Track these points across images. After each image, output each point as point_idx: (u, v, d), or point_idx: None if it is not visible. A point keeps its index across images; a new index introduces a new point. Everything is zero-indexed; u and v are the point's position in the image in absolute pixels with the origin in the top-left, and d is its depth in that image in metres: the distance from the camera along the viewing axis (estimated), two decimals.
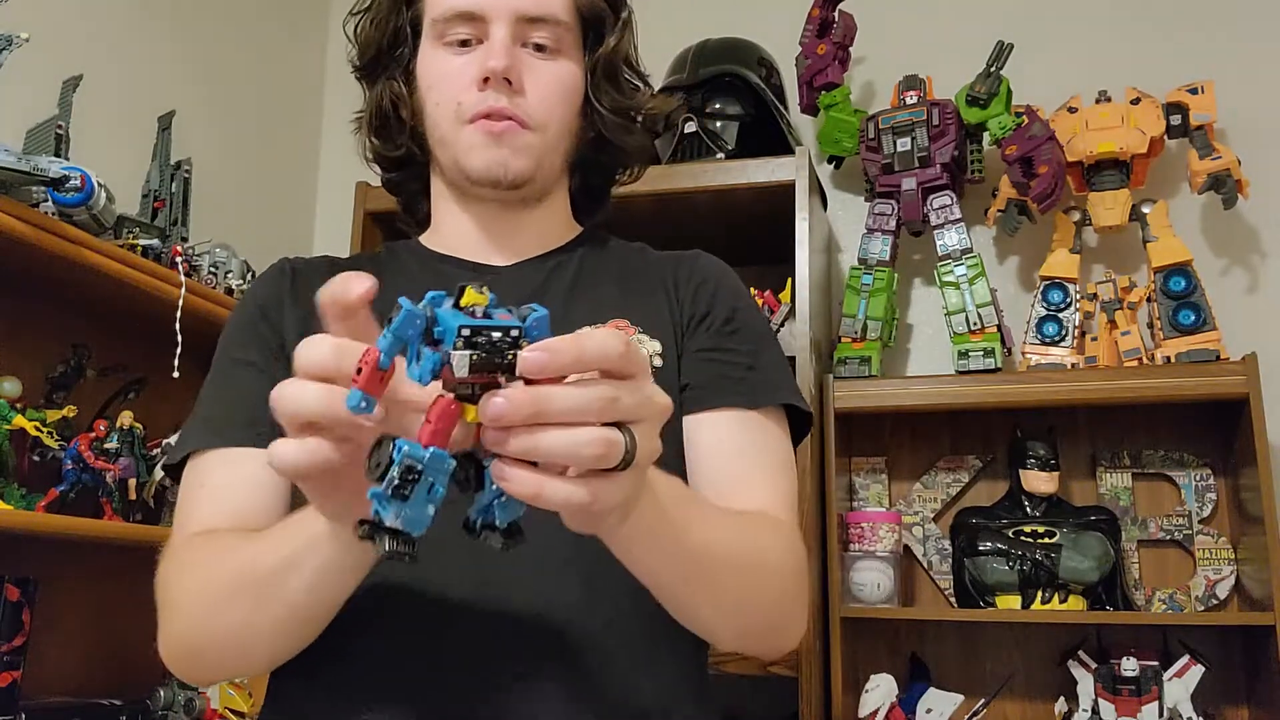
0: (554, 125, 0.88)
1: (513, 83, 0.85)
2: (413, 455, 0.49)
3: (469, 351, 0.48)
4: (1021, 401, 1.67)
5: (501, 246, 0.93)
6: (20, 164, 1.28)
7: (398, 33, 0.93)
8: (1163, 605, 1.69)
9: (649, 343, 0.87)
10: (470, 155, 0.87)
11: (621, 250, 0.99)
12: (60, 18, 1.70)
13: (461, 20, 0.87)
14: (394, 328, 0.49)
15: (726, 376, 0.88)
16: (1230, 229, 1.86)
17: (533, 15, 0.87)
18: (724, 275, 0.95)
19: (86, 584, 1.65)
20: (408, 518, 0.49)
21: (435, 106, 0.89)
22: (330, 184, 2.37)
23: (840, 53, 1.93)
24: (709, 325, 0.90)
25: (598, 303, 0.89)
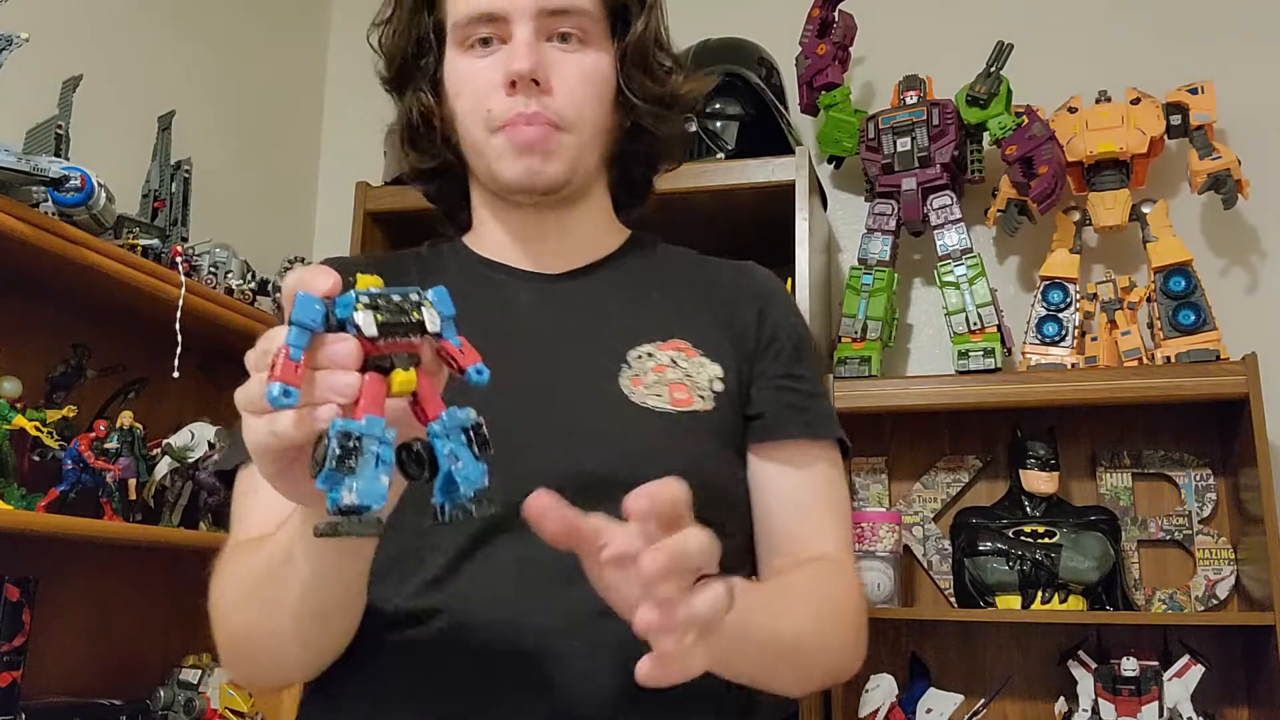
0: (586, 122, 0.85)
1: (540, 83, 0.83)
2: (346, 426, 0.48)
3: (372, 311, 0.49)
4: (1021, 401, 1.67)
5: (546, 252, 0.91)
6: (20, 164, 1.28)
7: (421, 42, 0.90)
8: (1163, 605, 1.69)
9: (710, 366, 0.85)
10: (502, 164, 0.85)
11: (673, 257, 0.97)
12: (60, 18, 1.70)
13: (482, 22, 0.85)
14: (294, 317, 0.49)
15: (793, 405, 0.87)
16: (1230, 229, 1.86)
17: (555, 7, 0.84)
18: (784, 295, 0.94)
19: (86, 584, 1.65)
20: (361, 490, 0.48)
21: (465, 115, 0.87)
22: (330, 184, 2.37)
23: (840, 53, 1.93)
24: (778, 352, 0.89)
25: (657, 320, 0.87)
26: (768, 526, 0.87)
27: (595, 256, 0.93)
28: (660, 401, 0.81)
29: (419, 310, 0.51)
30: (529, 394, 0.80)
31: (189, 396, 1.88)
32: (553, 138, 0.84)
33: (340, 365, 0.50)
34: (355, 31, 2.59)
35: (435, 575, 0.76)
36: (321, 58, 2.45)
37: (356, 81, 2.43)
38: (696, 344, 0.86)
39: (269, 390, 0.48)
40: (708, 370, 0.85)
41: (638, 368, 0.83)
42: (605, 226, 0.96)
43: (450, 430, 0.53)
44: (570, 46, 0.85)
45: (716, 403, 0.83)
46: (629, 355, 0.84)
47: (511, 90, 0.83)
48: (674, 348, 0.85)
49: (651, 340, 0.85)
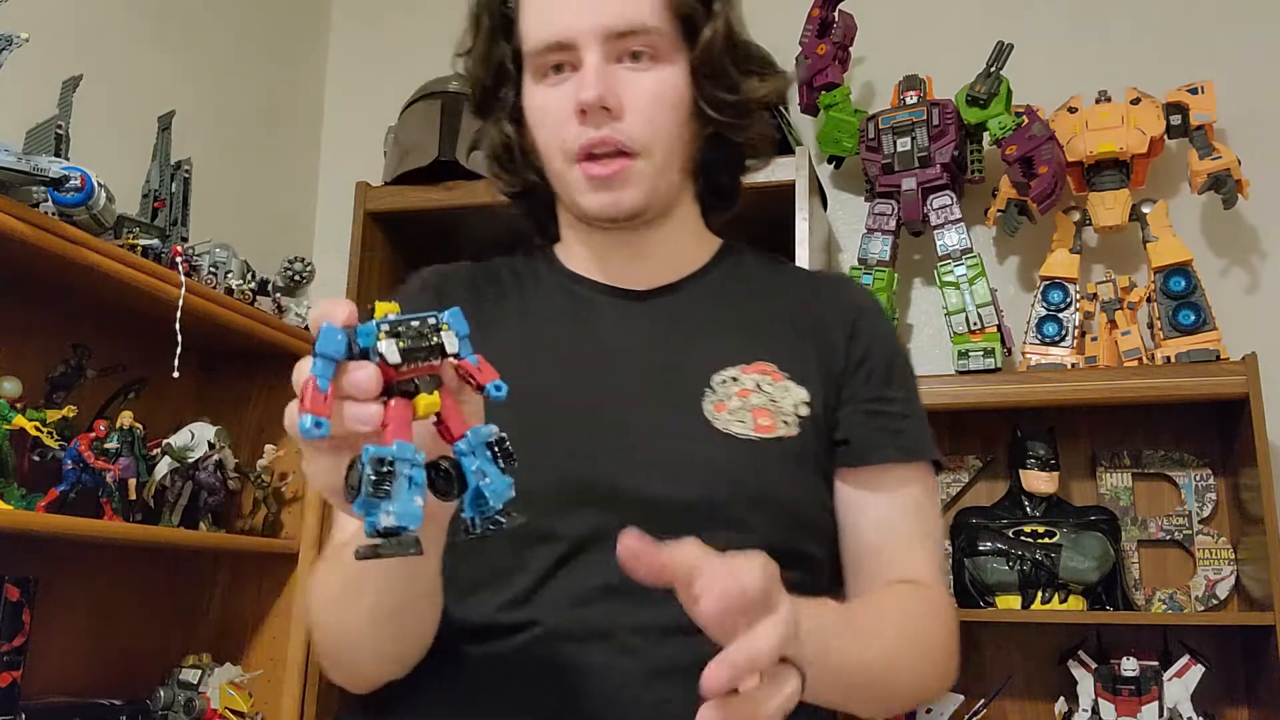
0: (661, 142, 0.85)
1: (611, 109, 0.82)
2: (379, 452, 0.50)
3: (394, 339, 0.51)
4: (1021, 401, 1.67)
5: (635, 270, 0.91)
6: (20, 164, 1.28)
7: (500, 71, 0.91)
8: (1163, 605, 1.69)
9: (795, 390, 0.85)
10: (582, 196, 0.86)
11: (761, 269, 0.97)
12: (60, 18, 1.70)
13: (552, 51, 0.84)
14: (317, 349, 0.51)
15: (884, 429, 0.87)
16: (1230, 229, 1.86)
17: (621, 29, 0.83)
18: (878, 312, 0.94)
19: (86, 584, 1.65)
20: (398, 513, 0.50)
21: (544, 145, 0.87)
22: (330, 184, 2.36)
23: (840, 53, 1.93)
24: (869, 373, 0.88)
25: (743, 342, 0.87)
26: (856, 550, 0.87)
27: (684, 271, 0.93)
28: (744, 428, 0.81)
29: (438, 334, 0.52)
30: (612, 418, 0.82)
31: (189, 396, 1.88)
32: (626, 167, 0.84)
33: (363, 391, 0.51)
34: (355, 32, 2.61)
35: (523, 591, 0.77)
36: (321, 58, 2.45)
37: (356, 81, 2.45)
38: (783, 367, 0.85)
39: (300, 422, 0.50)
40: (793, 395, 0.84)
41: (722, 392, 0.83)
42: (694, 239, 0.95)
43: (476, 447, 0.55)
44: (641, 65, 0.84)
45: (801, 428, 0.83)
46: (713, 379, 0.84)
47: (583, 118, 0.83)
48: (759, 371, 0.85)
49: (736, 363, 0.85)
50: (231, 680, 1.72)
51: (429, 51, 2.35)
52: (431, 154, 1.77)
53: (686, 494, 0.78)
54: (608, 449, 0.80)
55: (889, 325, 0.94)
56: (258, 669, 1.79)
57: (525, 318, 0.91)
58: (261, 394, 1.94)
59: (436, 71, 1.91)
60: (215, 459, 1.67)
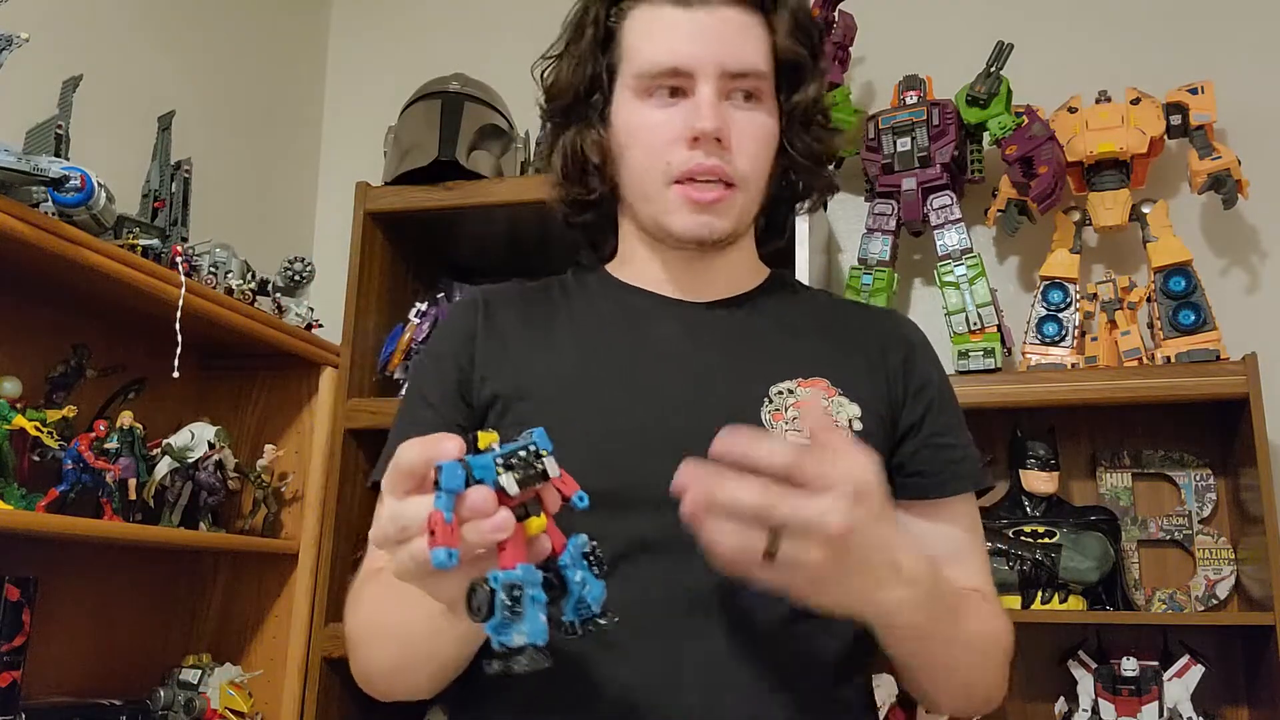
0: (757, 179, 0.90)
1: (724, 141, 0.86)
2: (509, 578, 0.56)
3: (510, 472, 0.57)
4: (1021, 401, 1.67)
5: (694, 287, 0.95)
6: (20, 164, 1.28)
7: (594, 79, 0.93)
8: (1163, 605, 1.69)
9: (848, 406, 0.88)
10: (674, 217, 0.89)
11: (812, 299, 1.02)
12: (60, 18, 1.70)
13: (667, 75, 0.88)
14: (444, 485, 0.56)
15: (954, 461, 0.92)
16: (1230, 229, 1.86)
17: (737, 70, 0.87)
18: (929, 346, 0.99)
19: (86, 584, 1.66)
20: (530, 631, 0.56)
21: (639, 163, 0.90)
22: (330, 184, 2.37)
23: (840, 53, 1.93)
24: (929, 404, 0.92)
25: (798, 356, 0.90)
26: None
27: (738, 290, 0.96)
28: (802, 438, 0.83)
29: (540, 460, 0.58)
30: (671, 422, 0.84)
31: (189, 396, 1.88)
32: (727, 197, 0.88)
33: (486, 514, 0.56)
34: (355, 31, 2.61)
35: None
36: (321, 58, 2.45)
37: (356, 81, 2.45)
38: (836, 383, 0.88)
39: (435, 556, 0.55)
40: (846, 410, 0.87)
41: (779, 403, 0.86)
42: (749, 264, 0.99)
43: (575, 560, 0.61)
44: (748, 105, 0.89)
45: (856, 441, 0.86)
46: (771, 390, 0.87)
47: (694, 145, 0.86)
48: (814, 385, 0.88)
49: (793, 377, 0.88)
50: (231, 680, 1.72)
51: (429, 51, 2.36)
52: (431, 154, 1.77)
53: None
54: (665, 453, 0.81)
55: (938, 358, 0.99)
56: (258, 669, 1.79)
57: (579, 328, 0.93)
58: (261, 394, 1.94)
59: (436, 71, 1.91)
60: (215, 459, 1.67)
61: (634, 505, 0.80)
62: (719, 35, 0.87)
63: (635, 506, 0.80)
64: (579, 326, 0.93)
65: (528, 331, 0.92)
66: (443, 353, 0.93)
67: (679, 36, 0.87)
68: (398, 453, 0.59)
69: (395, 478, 0.59)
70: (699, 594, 0.78)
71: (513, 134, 1.90)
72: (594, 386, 0.87)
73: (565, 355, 0.90)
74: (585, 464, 0.81)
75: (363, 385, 1.79)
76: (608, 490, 0.79)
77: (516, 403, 0.87)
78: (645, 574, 0.78)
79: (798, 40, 0.91)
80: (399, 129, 1.88)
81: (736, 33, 0.88)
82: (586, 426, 0.84)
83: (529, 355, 0.90)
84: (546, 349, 0.91)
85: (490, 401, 0.88)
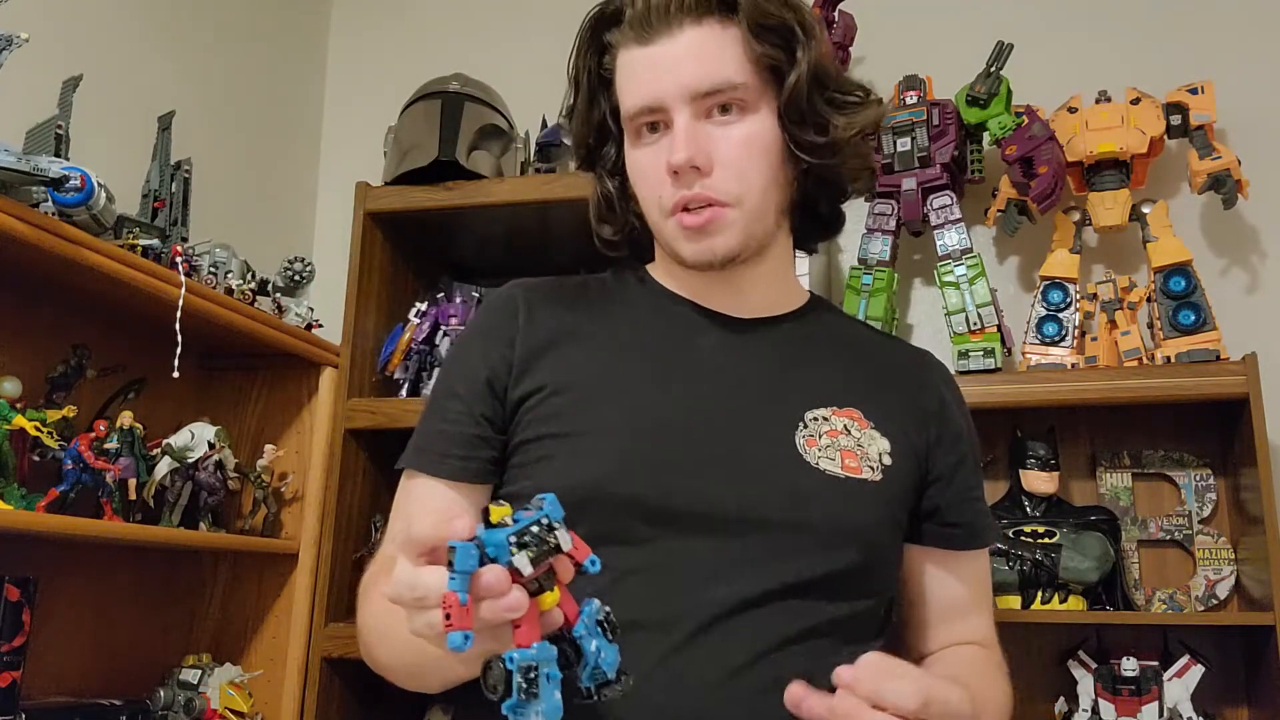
0: (752, 191, 0.88)
1: (700, 167, 0.85)
2: (525, 659, 0.56)
3: (524, 551, 0.57)
4: (1021, 401, 1.67)
5: (732, 303, 0.95)
6: (20, 164, 1.28)
7: (601, 128, 0.95)
8: (1163, 605, 1.69)
9: (879, 440, 0.89)
10: (678, 246, 0.90)
11: (852, 327, 1.03)
12: (60, 18, 1.70)
13: (644, 114, 0.88)
14: (458, 568, 0.56)
15: (983, 513, 0.98)
16: (1230, 229, 1.86)
17: (705, 90, 0.86)
18: (959, 393, 1.00)
19: (86, 584, 1.66)
20: (546, 710, 0.56)
21: (644, 201, 0.92)
22: (330, 184, 2.36)
23: (840, 53, 1.93)
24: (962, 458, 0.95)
25: (834, 384, 0.91)
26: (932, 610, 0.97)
27: (777, 309, 0.97)
28: (833, 465, 0.85)
29: (553, 534, 0.58)
30: (706, 439, 0.84)
31: (189, 396, 1.88)
32: (719, 216, 0.87)
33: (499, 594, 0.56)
34: (355, 32, 2.61)
35: None
36: (321, 58, 2.45)
37: (356, 81, 2.45)
38: (868, 415, 0.89)
39: (451, 640, 0.55)
40: (877, 444, 0.88)
41: (813, 429, 0.87)
42: (786, 283, 0.99)
43: (590, 628, 0.61)
44: (730, 119, 0.87)
45: (885, 475, 0.87)
46: (806, 415, 0.87)
47: (675, 179, 0.86)
48: (848, 416, 0.89)
49: (828, 404, 0.88)
50: (231, 680, 1.72)
51: (429, 51, 2.36)
52: (431, 154, 1.77)
53: (774, 516, 0.82)
54: (699, 470, 0.83)
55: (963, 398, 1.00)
56: (258, 669, 1.79)
57: (622, 329, 0.94)
58: (261, 394, 1.94)
59: (436, 71, 1.91)
60: (215, 459, 1.67)
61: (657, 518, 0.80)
62: (678, 61, 0.86)
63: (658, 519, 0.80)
64: (621, 327, 0.94)
65: (570, 328, 0.92)
66: (477, 346, 0.93)
67: (644, 75, 0.88)
68: (412, 525, 0.59)
69: (409, 544, 0.59)
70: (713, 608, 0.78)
71: (513, 134, 1.90)
72: (632, 389, 0.87)
73: (606, 355, 0.90)
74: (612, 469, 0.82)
75: (363, 385, 1.79)
76: (632, 497, 0.81)
77: (553, 397, 0.87)
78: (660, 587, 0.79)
79: (764, 39, 0.87)
80: (399, 129, 1.88)
81: (699, 52, 0.86)
82: (619, 428, 0.84)
83: (569, 352, 0.90)
84: (588, 347, 0.91)
85: (527, 395, 0.88)
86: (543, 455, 0.86)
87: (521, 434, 0.88)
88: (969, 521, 0.94)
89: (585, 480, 0.82)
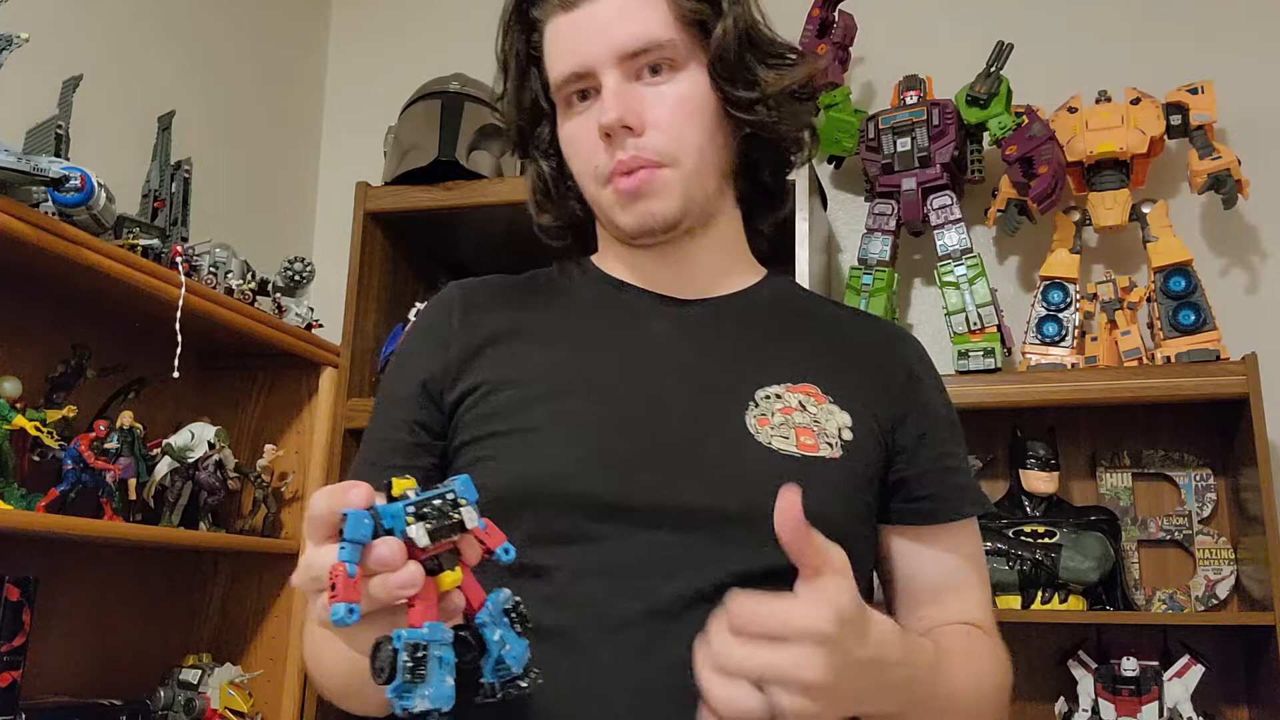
0: (689, 151, 0.85)
1: (633, 127, 0.83)
2: (412, 637, 0.52)
3: (421, 523, 0.53)
4: (1021, 401, 1.67)
5: (678, 280, 0.91)
6: (20, 164, 1.28)
7: (534, 109, 0.92)
8: (1163, 605, 1.69)
9: (838, 414, 0.84)
10: (616, 215, 0.87)
11: (809, 302, 0.98)
12: (60, 18, 1.70)
13: (573, 81, 0.86)
14: (347, 536, 0.52)
15: (959, 486, 0.89)
16: (1230, 229, 1.86)
17: (634, 49, 0.84)
18: (931, 366, 0.95)
19: (86, 584, 1.66)
20: (433, 695, 0.52)
21: (579, 174, 0.89)
22: (330, 184, 2.37)
23: (840, 53, 1.93)
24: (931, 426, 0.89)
25: (788, 360, 0.87)
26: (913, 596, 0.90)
27: (729, 287, 0.93)
28: (787, 444, 0.81)
29: (458, 510, 0.54)
30: (654, 425, 0.81)
31: (189, 396, 1.88)
32: (655, 178, 0.84)
33: (392, 567, 0.53)
34: (355, 31, 2.60)
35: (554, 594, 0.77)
36: (321, 58, 2.45)
37: (356, 81, 2.45)
38: (827, 390, 0.85)
39: (334, 611, 0.51)
40: (836, 419, 0.84)
41: (765, 407, 0.83)
42: (737, 260, 0.95)
43: (495, 617, 0.57)
44: (661, 79, 0.85)
45: (845, 451, 0.83)
46: (757, 394, 0.84)
47: (608, 141, 0.84)
48: (803, 391, 0.85)
49: (781, 381, 0.84)
50: (231, 680, 1.72)
51: (429, 51, 2.36)
52: (431, 154, 1.77)
53: (728, 505, 0.78)
54: (648, 457, 0.80)
55: (941, 380, 0.95)
56: (258, 669, 1.79)
57: (565, 322, 0.91)
58: (261, 394, 1.94)
59: (436, 71, 1.91)
60: (215, 459, 1.67)
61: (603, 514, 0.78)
62: (605, 23, 0.84)
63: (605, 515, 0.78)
64: (566, 319, 0.91)
65: (512, 324, 0.90)
66: (411, 350, 0.92)
67: (570, 40, 0.86)
68: (311, 500, 0.57)
69: (309, 525, 0.56)
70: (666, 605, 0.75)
71: None
72: (574, 383, 0.84)
73: (549, 347, 0.88)
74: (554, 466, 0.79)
75: (362, 385, 1.79)
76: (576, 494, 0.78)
77: (491, 395, 0.85)
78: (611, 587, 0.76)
79: None
80: (399, 129, 1.88)
81: (623, 13, 0.84)
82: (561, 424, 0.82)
83: (509, 349, 0.88)
84: (532, 341, 0.88)
85: (465, 395, 0.86)
86: (482, 455, 0.83)
87: (461, 435, 0.85)
88: (937, 493, 0.88)
89: (527, 478, 0.79)
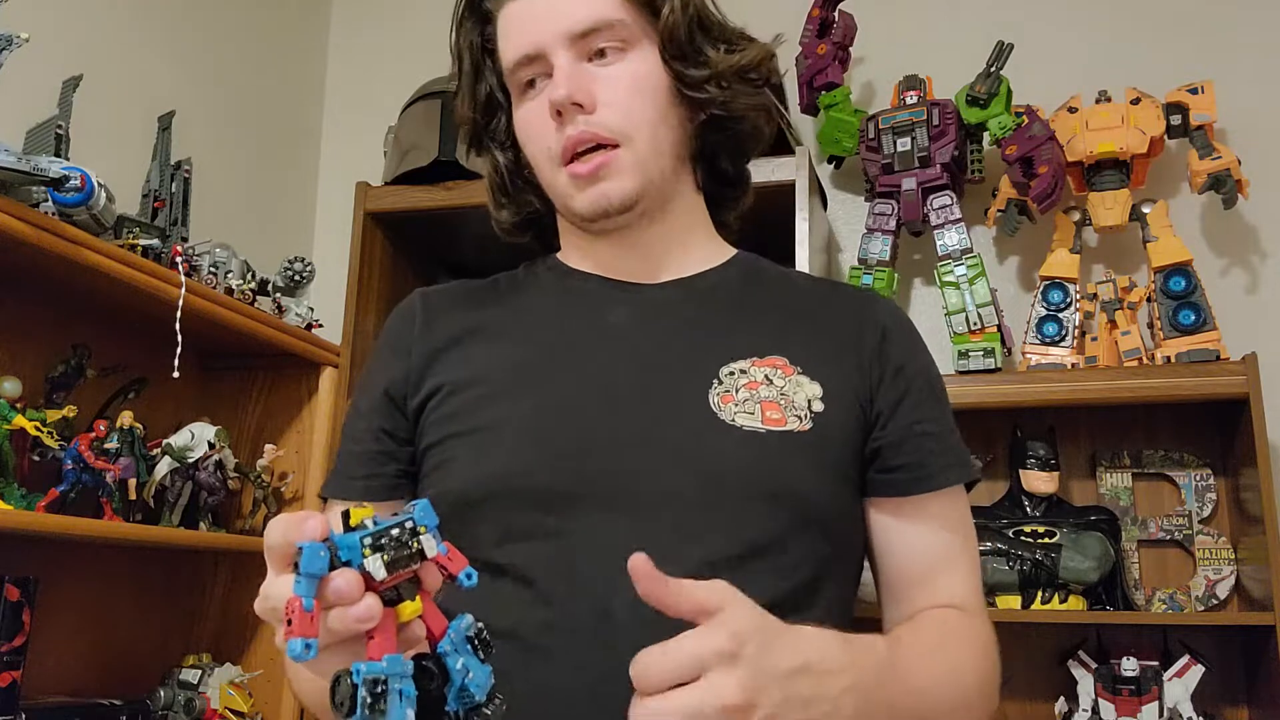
0: (640, 128, 0.84)
1: (584, 105, 0.83)
2: (371, 671, 0.51)
3: (379, 554, 0.52)
4: (1021, 401, 1.67)
5: (639, 266, 0.91)
6: (20, 164, 1.28)
7: (489, 103, 0.92)
8: (1163, 605, 1.69)
9: (808, 385, 0.82)
10: (572, 198, 0.86)
11: (779, 277, 0.96)
12: (60, 18, 1.70)
13: (524, 65, 0.86)
14: (303, 569, 0.51)
15: (939, 453, 0.85)
16: (1230, 229, 1.86)
17: (584, 29, 0.84)
18: (911, 328, 0.92)
19: (86, 584, 1.66)
20: None
21: (534, 158, 0.88)
22: (330, 184, 2.37)
23: (840, 53, 1.93)
24: (908, 389, 0.86)
25: (754, 334, 0.86)
26: (900, 574, 0.87)
27: (693, 270, 0.92)
28: (751, 420, 0.79)
29: (417, 538, 0.53)
30: (614, 410, 0.80)
31: (189, 396, 1.88)
32: (609, 160, 0.84)
33: (350, 600, 0.51)
34: (355, 32, 2.60)
35: None
36: (321, 58, 2.45)
37: (356, 82, 2.45)
38: (796, 361, 0.83)
39: (290, 648, 0.50)
40: (805, 390, 0.82)
41: (729, 384, 0.82)
42: (701, 240, 0.94)
43: (458, 644, 0.56)
44: (611, 59, 0.85)
45: (815, 423, 0.81)
46: (721, 371, 0.82)
47: (559, 119, 0.83)
48: (771, 364, 0.83)
49: (748, 356, 0.83)
50: (231, 680, 1.72)
51: (429, 51, 2.35)
52: (431, 154, 1.77)
53: (689, 487, 0.77)
54: (600, 446, 0.79)
55: (923, 344, 0.92)
56: (258, 669, 1.79)
57: (525, 318, 0.91)
58: (261, 394, 1.94)
59: (436, 71, 1.91)
60: (215, 459, 1.67)
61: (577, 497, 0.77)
62: (555, 5, 0.84)
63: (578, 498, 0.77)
64: (526, 316, 0.91)
65: (472, 325, 0.90)
66: (379, 359, 0.92)
67: (521, 24, 0.85)
68: (267, 529, 0.55)
69: (267, 553, 0.56)
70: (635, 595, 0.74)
71: None
72: (536, 377, 0.84)
73: (510, 345, 0.87)
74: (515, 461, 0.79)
75: None
76: (540, 488, 0.77)
77: (452, 396, 0.84)
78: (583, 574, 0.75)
79: None
80: (399, 129, 1.88)
81: None
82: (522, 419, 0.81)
83: (471, 350, 0.88)
84: (491, 341, 0.88)
85: (427, 399, 0.86)
86: (446, 458, 0.83)
87: (427, 439, 0.85)
88: (915, 461, 0.83)
89: (483, 477, 0.79)
